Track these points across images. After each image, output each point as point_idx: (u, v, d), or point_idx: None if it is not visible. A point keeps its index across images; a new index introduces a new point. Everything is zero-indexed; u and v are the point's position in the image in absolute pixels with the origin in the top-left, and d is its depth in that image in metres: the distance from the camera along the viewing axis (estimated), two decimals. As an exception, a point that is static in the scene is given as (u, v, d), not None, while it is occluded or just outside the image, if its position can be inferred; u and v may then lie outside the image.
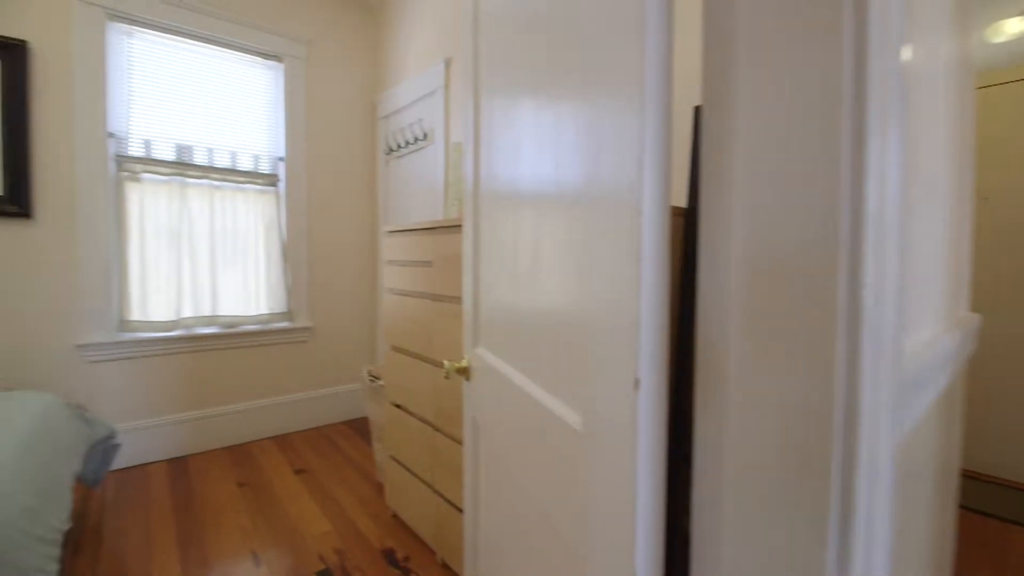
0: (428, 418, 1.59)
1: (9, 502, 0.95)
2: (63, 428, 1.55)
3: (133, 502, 2.01)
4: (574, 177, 0.57)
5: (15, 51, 2.04)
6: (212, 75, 2.57)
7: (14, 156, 2.05)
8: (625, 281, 0.41)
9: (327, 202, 2.97)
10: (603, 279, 0.47)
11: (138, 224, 2.39)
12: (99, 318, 2.26)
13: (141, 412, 2.38)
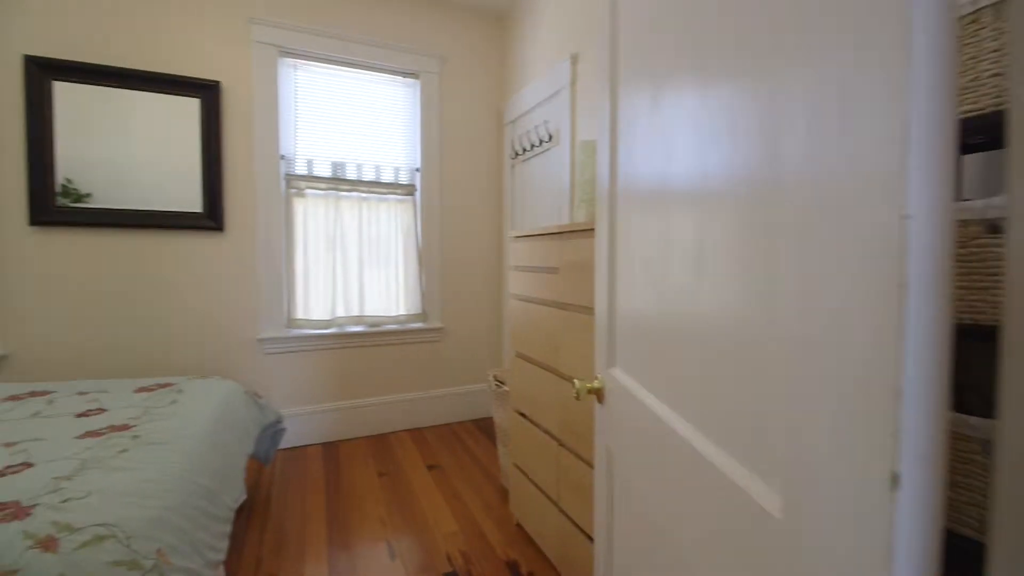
0: (553, 431, 1.52)
1: (192, 485, 1.10)
2: (241, 413, 1.79)
3: (294, 479, 2.28)
4: (769, 168, 0.43)
5: (211, 91, 2.44)
6: (360, 96, 2.82)
7: (211, 180, 2.46)
8: (870, 313, 0.28)
9: (457, 209, 3.08)
10: (825, 307, 0.33)
11: (302, 234, 2.72)
12: (273, 316, 2.62)
13: (302, 400, 2.71)
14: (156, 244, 2.40)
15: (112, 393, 1.70)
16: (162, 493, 1.00)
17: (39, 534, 0.79)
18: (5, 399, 1.61)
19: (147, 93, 2.35)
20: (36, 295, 2.22)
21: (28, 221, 2.18)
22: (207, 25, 2.45)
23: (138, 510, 0.91)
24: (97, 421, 1.42)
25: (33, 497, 0.92)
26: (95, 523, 0.84)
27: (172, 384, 1.81)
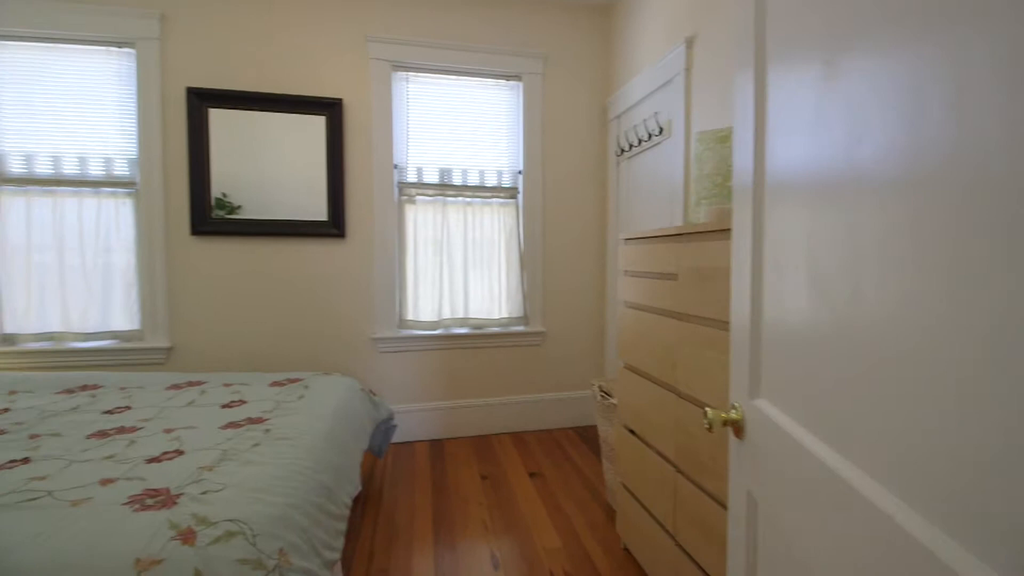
0: (669, 455, 1.37)
1: (312, 482, 1.16)
2: (359, 410, 1.89)
3: (403, 474, 2.37)
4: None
5: (334, 108, 2.64)
6: (464, 103, 2.87)
7: (334, 190, 2.66)
8: None
9: (560, 211, 3.01)
10: None
11: (412, 238, 2.84)
12: (386, 316, 2.76)
13: (411, 398, 2.82)
14: (289, 250, 2.65)
15: (252, 386, 1.88)
16: (286, 490, 1.06)
17: (181, 525, 0.86)
18: (169, 387, 1.86)
19: (282, 114, 2.60)
20: (195, 295, 2.56)
21: (190, 231, 2.53)
22: (330, 48, 2.65)
23: (264, 507, 0.97)
24: (238, 412, 1.57)
25: (180, 486, 1.02)
26: (227, 518, 0.90)
27: (300, 379, 1.97)
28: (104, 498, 0.97)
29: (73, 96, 2.45)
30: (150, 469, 1.12)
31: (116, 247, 2.50)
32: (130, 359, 2.49)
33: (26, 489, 1.01)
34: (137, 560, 0.78)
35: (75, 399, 1.70)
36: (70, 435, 1.36)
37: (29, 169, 2.42)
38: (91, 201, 2.47)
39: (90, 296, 2.48)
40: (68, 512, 0.91)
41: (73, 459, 1.19)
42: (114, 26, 2.42)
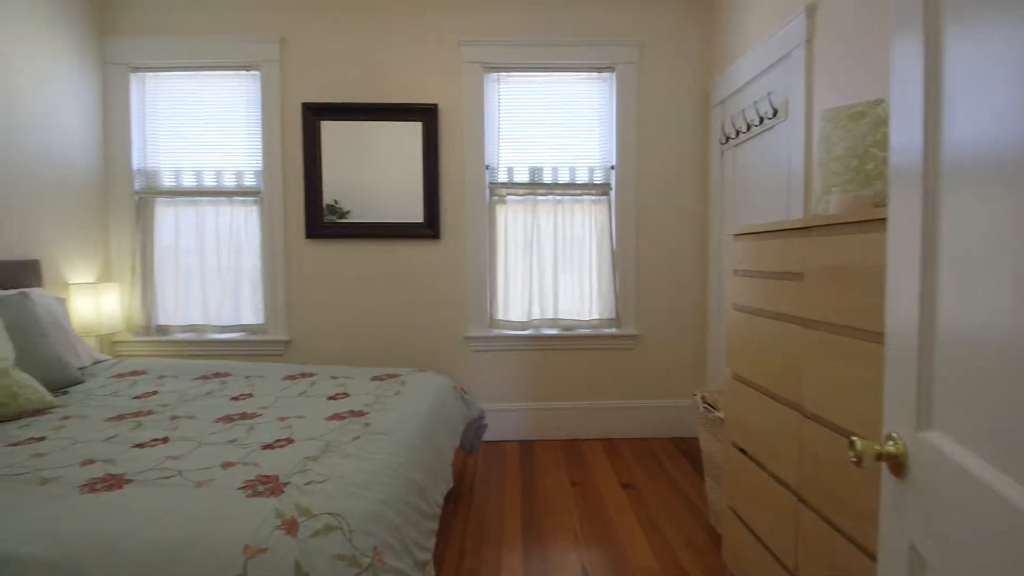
0: (789, 481, 1.20)
1: (405, 479, 1.17)
2: (451, 407, 1.91)
3: (494, 473, 2.37)
4: None
5: (430, 113, 2.72)
6: (555, 99, 2.81)
7: (430, 193, 2.74)
8: None
9: (655, 206, 2.83)
10: None
11: (503, 238, 2.84)
12: (478, 316, 2.79)
13: (501, 397, 2.82)
14: (390, 251, 2.78)
15: (354, 379, 1.99)
16: (380, 486, 1.08)
17: (286, 515, 0.91)
18: (285, 377, 2.02)
19: (384, 122, 2.74)
20: (309, 294, 2.79)
21: (305, 235, 2.75)
22: (427, 55, 2.74)
23: (360, 502, 0.99)
24: (342, 405, 1.65)
25: (287, 475, 1.08)
26: (327, 511, 0.93)
27: (398, 375, 2.04)
28: (223, 481, 1.05)
29: (210, 117, 2.78)
30: (264, 455, 1.21)
31: (245, 250, 2.80)
32: (255, 350, 2.77)
33: (162, 467, 1.14)
34: (246, 547, 0.83)
35: (209, 385, 1.91)
36: (202, 418, 1.53)
37: (177, 183, 2.79)
38: (225, 209, 2.79)
39: (224, 293, 2.81)
40: (192, 493, 1.00)
41: (203, 441, 1.33)
42: (243, 52, 2.71)
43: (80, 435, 1.38)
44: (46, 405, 1.61)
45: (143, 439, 1.35)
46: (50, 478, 1.08)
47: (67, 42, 2.51)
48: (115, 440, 1.34)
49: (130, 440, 1.34)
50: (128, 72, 2.73)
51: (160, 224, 2.79)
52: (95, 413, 1.57)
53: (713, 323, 2.74)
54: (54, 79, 2.44)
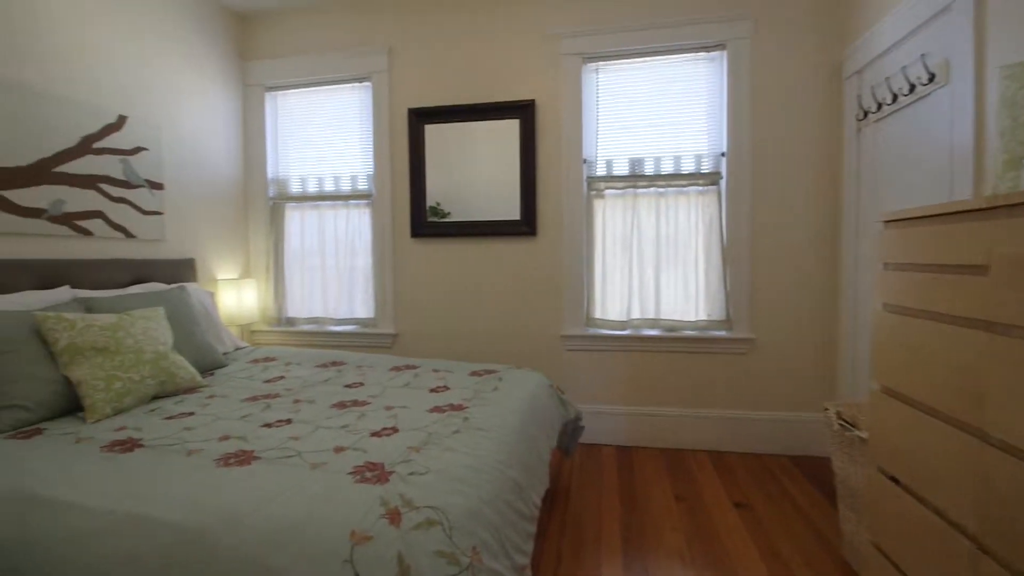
0: (962, 522, 0.97)
1: (503, 477, 1.15)
2: (548, 406, 1.87)
3: (591, 478, 2.29)
4: None
5: (527, 110, 2.70)
6: (657, 86, 2.64)
7: (526, 189, 2.73)
8: None
9: (774, 194, 2.54)
10: None
11: (601, 234, 2.74)
12: (575, 314, 2.72)
13: (598, 399, 2.73)
14: (488, 249, 2.82)
15: (454, 374, 2.03)
16: (479, 483, 1.07)
17: (390, 504, 0.93)
18: (392, 368, 2.13)
19: (482, 122, 2.78)
20: (414, 290, 2.92)
21: (410, 234, 2.89)
22: (524, 51, 2.73)
23: (460, 497, 0.98)
24: (442, 397, 1.69)
25: (392, 463, 1.11)
26: (428, 504, 0.94)
27: (495, 371, 2.05)
28: (335, 465, 1.11)
29: (329, 127, 3.03)
30: (372, 443, 1.26)
31: (359, 249, 3.02)
32: (366, 342, 2.97)
33: (284, 447, 1.24)
34: (352, 532, 0.86)
35: (327, 373, 2.07)
36: (320, 403, 1.65)
37: (303, 189, 3.09)
38: (342, 212, 3.03)
39: (340, 289, 3.05)
40: (307, 475, 1.07)
41: (320, 424, 1.43)
42: (357, 65, 2.91)
43: (221, 412, 1.55)
44: (196, 384, 1.85)
45: (270, 419, 1.48)
46: (194, 450, 1.23)
47: (217, 69, 2.90)
48: (248, 419, 1.49)
49: (260, 420, 1.48)
50: (263, 92, 3.08)
51: (289, 226, 3.11)
52: (234, 393, 1.78)
53: (847, 325, 2.38)
54: (207, 101, 2.82)
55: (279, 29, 3.04)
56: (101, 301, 1.87)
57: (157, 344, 1.78)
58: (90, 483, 1.05)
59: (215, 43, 2.88)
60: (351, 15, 2.94)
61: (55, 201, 2.00)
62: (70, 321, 1.61)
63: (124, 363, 1.64)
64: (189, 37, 2.70)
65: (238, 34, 3.06)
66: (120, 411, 1.56)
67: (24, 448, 1.25)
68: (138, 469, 1.12)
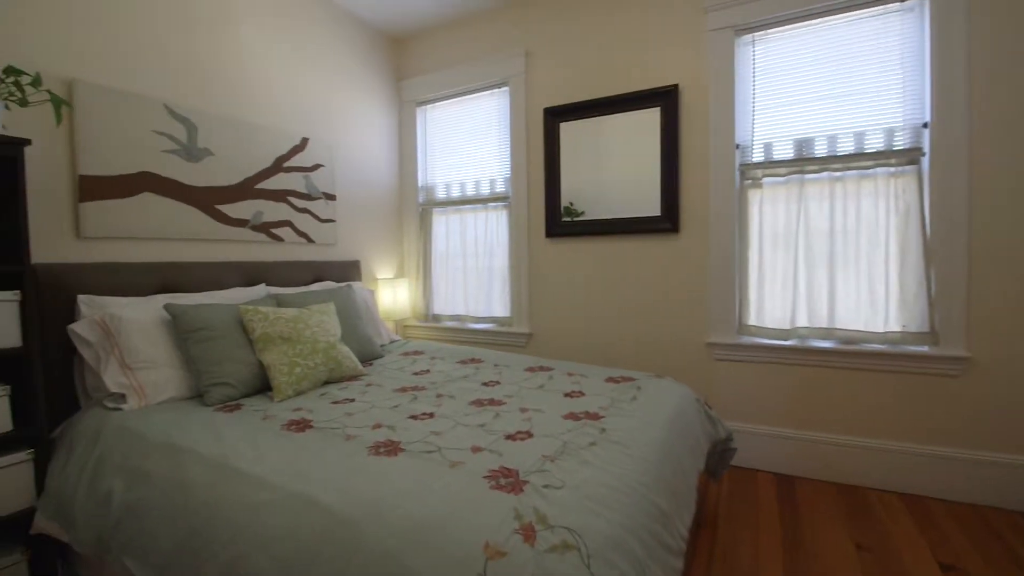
0: None
1: (647, 503, 1.04)
2: (694, 423, 1.69)
3: (744, 508, 2.02)
4: None
5: (669, 96, 2.49)
6: (830, 51, 2.22)
7: (668, 182, 2.52)
8: None
9: (1002, 173, 1.95)
10: None
11: (757, 228, 2.41)
12: (723, 319, 2.44)
13: (751, 416, 2.41)
14: (624, 248, 2.68)
15: (589, 379, 1.96)
16: (620, 506, 0.98)
17: (524, 518, 0.89)
18: (526, 369, 2.13)
19: (617, 115, 2.65)
20: (548, 290, 2.92)
21: (545, 234, 2.89)
22: (665, 34, 2.52)
23: (599, 521, 0.90)
24: (577, 404, 1.63)
25: (527, 472, 1.08)
26: (564, 524, 0.88)
27: (634, 379, 1.92)
28: (472, 466, 1.12)
29: (470, 134, 3.18)
30: (507, 446, 1.26)
31: (496, 250, 3.12)
32: (502, 340, 3.05)
33: (427, 441, 1.30)
34: (486, 544, 0.83)
35: (466, 369, 2.16)
36: (460, 399, 1.71)
37: (447, 194, 3.29)
38: (481, 215, 3.16)
39: (480, 288, 3.18)
40: (446, 472, 1.09)
41: (459, 421, 1.47)
42: (496, 72, 3.00)
43: (376, 401, 1.70)
44: (358, 373, 2.07)
45: (416, 411, 1.58)
46: (352, 435, 1.35)
47: (378, 90, 3.23)
48: (397, 409, 1.61)
49: (407, 411, 1.58)
50: (415, 107, 3.35)
51: (436, 230, 3.35)
52: (387, 383, 1.94)
53: None
54: (370, 120, 3.17)
55: (427, 47, 3.28)
56: (288, 297, 2.19)
57: (328, 335, 2.03)
58: (269, 458, 1.21)
59: (376, 67, 3.22)
60: (490, 23, 3.03)
61: (256, 213, 2.41)
62: (264, 313, 1.91)
63: (303, 351, 1.89)
64: (355, 64, 3.05)
65: (394, 56, 3.37)
66: (299, 393, 1.80)
67: (227, 421, 1.50)
68: (306, 449, 1.26)
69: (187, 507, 1.12)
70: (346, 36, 2.98)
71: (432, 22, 3.15)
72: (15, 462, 1.43)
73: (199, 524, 1.08)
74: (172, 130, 2.06)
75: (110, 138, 1.87)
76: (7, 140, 1.41)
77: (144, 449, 1.34)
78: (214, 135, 2.22)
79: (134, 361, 1.66)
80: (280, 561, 0.93)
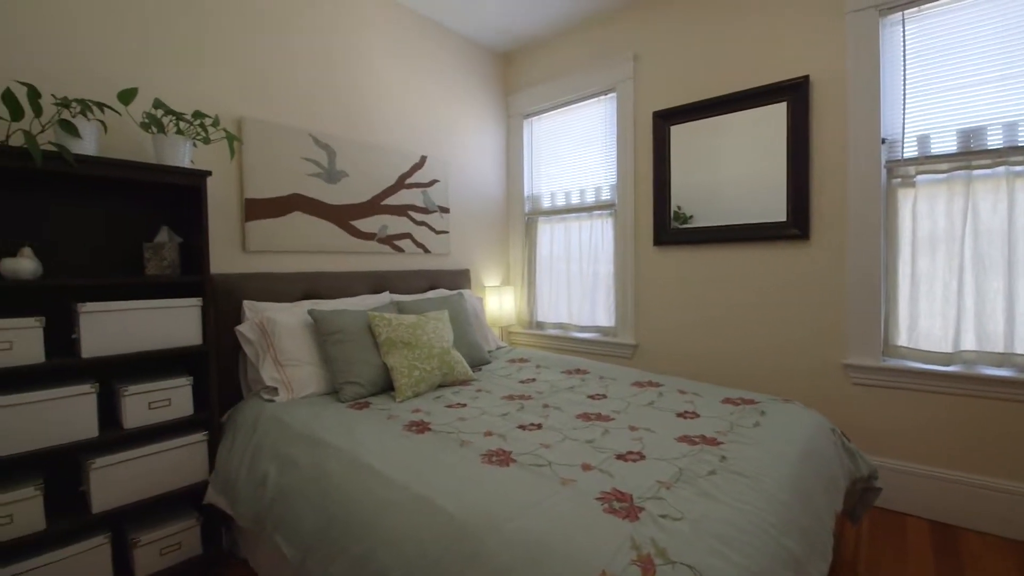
0: None
1: (777, 547, 0.94)
2: (830, 458, 1.51)
3: (889, 555, 1.76)
4: None
5: (798, 89, 2.26)
6: (1011, 20, 1.85)
7: (796, 185, 2.29)
8: None
9: None
10: None
11: (909, 234, 2.10)
12: (864, 339, 2.16)
13: (899, 452, 2.09)
14: (741, 256, 2.49)
15: (703, 398, 1.85)
16: (746, 549, 0.90)
17: (641, 549, 0.86)
18: (633, 383, 2.07)
19: (735, 114, 2.47)
20: (656, 300, 2.81)
21: (653, 242, 2.79)
22: (791, 22, 2.30)
23: (724, 564, 0.84)
24: (692, 426, 1.54)
25: (641, 498, 1.05)
26: (684, 562, 0.83)
27: (756, 402, 1.78)
28: (583, 485, 1.11)
29: (575, 143, 3.18)
30: (618, 466, 1.23)
31: (601, 258, 3.08)
32: (606, 351, 3.00)
33: (536, 453, 1.32)
34: (603, 573, 0.82)
35: (571, 380, 2.16)
36: (567, 411, 1.71)
37: (551, 203, 3.32)
38: (586, 223, 3.14)
39: (583, 297, 3.16)
40: (558, 490, 1.09)
41: (567, 435, 1.47)
42: (603, 79, 2.97)
43: (486, 407, 1.77)
44: (468, 378, 2.17)
45: (524, 421, 1.61)
46: (466, 441, 1.42)
47: (487, 106, 3.37)
48: (506, 417, 1.65)
49: (516, 420, 1.62)
50: (522, 119, 3.43)
51: (540, 239, 3.40)
52: (496, 390, 2.01)
53: None
54: (480, 135, 3.31)
55: (534, 60, 3.34)
56: (408, 303, 2.37)
57: (443, 341, 2.16)
58: (394, 457, 1.32)
59: (486, 84, 3.36)
60: (597, 30, 3.00)
61: (381, 227, 2.64)
62: (388, 319, 2.08)
63: (420, 355, 2.03)
64: (468, 83, 3.21)
65: (502, 72, 3.49)
66: (417, 395, 1.94)
67: (356, 417, 1.66)
68: (425, 451, 1.35)
69: (326, 496, 1.26)
70: (458, 57, 3.15)
71: (539, 35, 3.21)
72: (194, 441, 1.71)
73: (337, 512, 1.21)
74: (316, 156, 2.34)
75: (268, 165, 2.18)
76: (194, 172, 1.71)
77: (291, 438, 1.54)
78: (349, 158, 2.48)
79: (284, 359, 1.91)
80: (404, 561, 1.00)
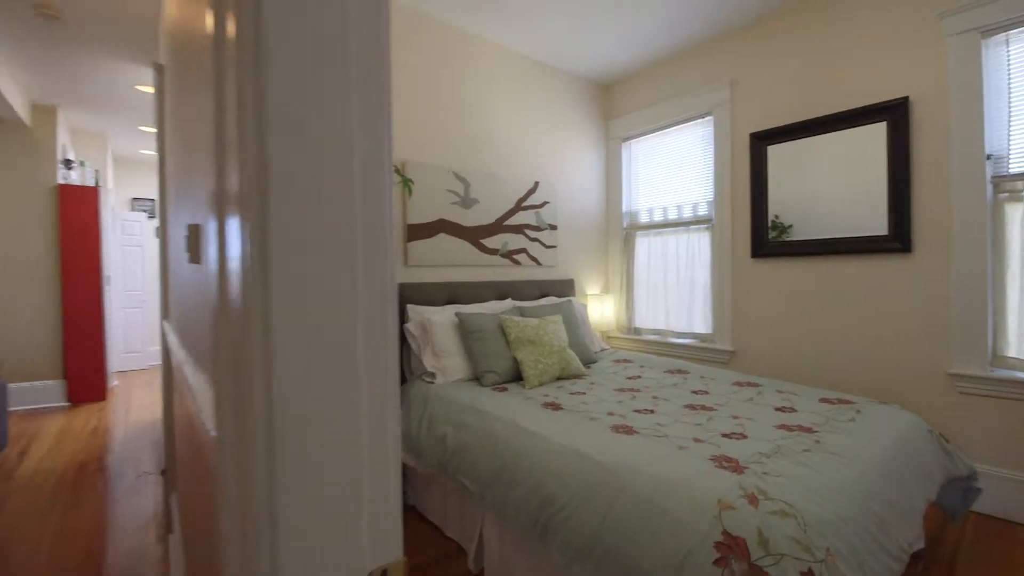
0: None
1: (863, 507, 1.19)
2: (921, 452, 1.68)
3: (990, 557, 1.86)
4: None
5: (898, 109, 2.38)
6: None
7: (897, 200, 2.40)
8: None
9: None
10: None
11: (1018, 247, 2.14)
12: (970, 350, 2.22)
13: (1008, 460, 2.13)
14: (841, 268, 2.63)
15: (801, 397, 2.06)
16: (836, 502, 1.16)
17: (747, 489, 1.17)
18: (734, 383, 2.32)
19: (832, 134, 2.61)
20: (753, 309, 2.99)
21: (750, 254, 2.98)
22: (889, 47, 2.42)
23: (814, 506, 1.13)
24: (789, 418, 1.78)
25: (745, 461, 1.35)
26: (782, 499, 1.13)
27: (852, 403, 1.96)
28: (696, 451, 1.44)
29: (673, 163, 3.45)
30: (724, 441, 1.53)
31: (698, 269, 3.31)
32: (703, 356, 3.23)
33: (654, 428, 1.66)
34: (719, 500, 1.15)
35: (673, 378, 2.45)
36: (673, 402, 2.02)
37: (649, 219, 3.61)
38: (683, 237, 3.39)
39: (680, 305, 3.41)
40: (676, 452, 1.42)
41: (677, 419, 1.79)
42: (700, 104, 3.22)
43: (602, 396, 2.13)
44: (581, 373, 2.54)
45: (638, 407, 1.95)
46: (594, 417, 1.79)
47: (589, 132, 3.75)
48: (621, 404, 2.00)
49: (630, 406, 1.97)
50: (620, 143, 3.76)
51: (638, 251, 3.70)
52: (607, 383, 2.36)
53: None
54: (583, 159, 3.69)
55: (632, 88, 3.66)
56: (528, 308, 2.81)
57: (560, 340, 2.56)
58: (543, 423, 1.73)
59: (589, 113, 3.74)
60: (695, 60, 3.26)
61: (503, 243, 3.12)
62: (516, 321, 2.52)
63: (543, 352, 2.44)
64: (574, 113, 3.61)
65: (603, 100, 3.85)
66: (542, 384, 2.35)
67: (502, 397, 2.11)
68: (565, 421, 1.75)
69: (495, 450, 1.70)
70: (563, 92, 3.56)
71: (638, 66, 3.52)
72: (379, 411, 2.26)
73: (508, 460, 1.64)
74: (455, 187, 2.87)
75: (421, 197, 2.73)
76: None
77: (459, 408, 2.02)
78: (479, 187, 2.99)
79: (439, 351, 2.42)
80: (568, 490, 1.40)
